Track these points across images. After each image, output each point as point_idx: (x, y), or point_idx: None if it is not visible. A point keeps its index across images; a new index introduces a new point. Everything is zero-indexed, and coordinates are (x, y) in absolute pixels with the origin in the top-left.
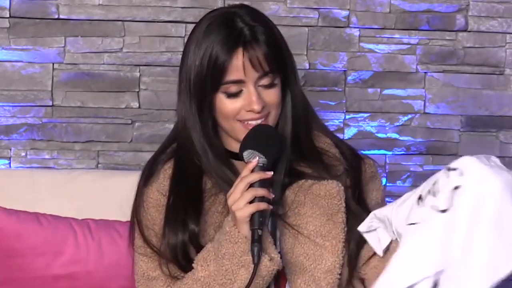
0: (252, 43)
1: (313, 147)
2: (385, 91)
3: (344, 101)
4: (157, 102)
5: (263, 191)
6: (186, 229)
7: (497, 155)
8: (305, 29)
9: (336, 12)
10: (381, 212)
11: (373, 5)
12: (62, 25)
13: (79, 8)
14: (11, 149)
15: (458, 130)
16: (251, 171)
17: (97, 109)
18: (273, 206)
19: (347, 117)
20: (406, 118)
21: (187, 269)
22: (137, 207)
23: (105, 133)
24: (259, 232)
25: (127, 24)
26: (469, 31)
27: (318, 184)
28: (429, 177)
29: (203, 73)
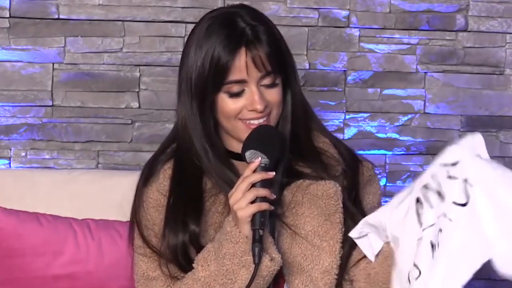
0: (254, 43)
1: (312, 146)
2: (385, 91)
3: (344, 101)
4: (157, 102)
5: (265, 191)
6: (186, 229)
7: (497, 155)
8: (305, 29)
9: (336, 12)
10: (374, 218)
11: (373, 5)
12: (62, 25)
13: (79, 8)
14: (11, 149)
15: (458, 130)
16: (253, 171)
17: (97, 109)
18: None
19: (347, 117)
20: (406, 118)
21: (187, 269)
22: (136, 207)
23: (105, 133)
24: (261, 232)
25: (127, 24)
26: (469, 31)
27: (316, 184)
28: None
29: (205, 73)
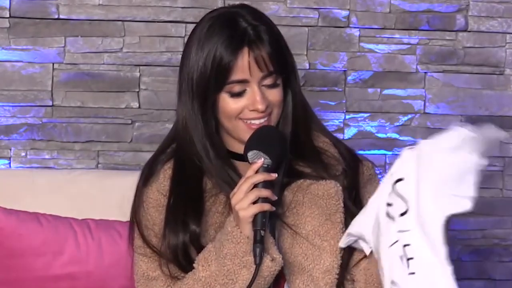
0: (256, 43)
1: (313, 146)
2: (385, 91)
3: (344, 101)
4: (157, 102)
5: (267, 192)
6: (186, 229)
7: (497, 155)
8: (305, 29)
9: (336, 12)
10: (356, 230)
11: (373, 5)
12: (62, 25)
13: (79, 8)
14: (11, 149)
15: None
16: (256, 171)
17: (97, 109)
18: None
19: (347, 117)
20: (406, 118)
21: (188, 270)
22: (136, 207)
23: (105, 133)
24: (262, 233)
25: (127, 24)
26: (469, 31)
27: (317, 184)
28: None
29: (206, 73)
